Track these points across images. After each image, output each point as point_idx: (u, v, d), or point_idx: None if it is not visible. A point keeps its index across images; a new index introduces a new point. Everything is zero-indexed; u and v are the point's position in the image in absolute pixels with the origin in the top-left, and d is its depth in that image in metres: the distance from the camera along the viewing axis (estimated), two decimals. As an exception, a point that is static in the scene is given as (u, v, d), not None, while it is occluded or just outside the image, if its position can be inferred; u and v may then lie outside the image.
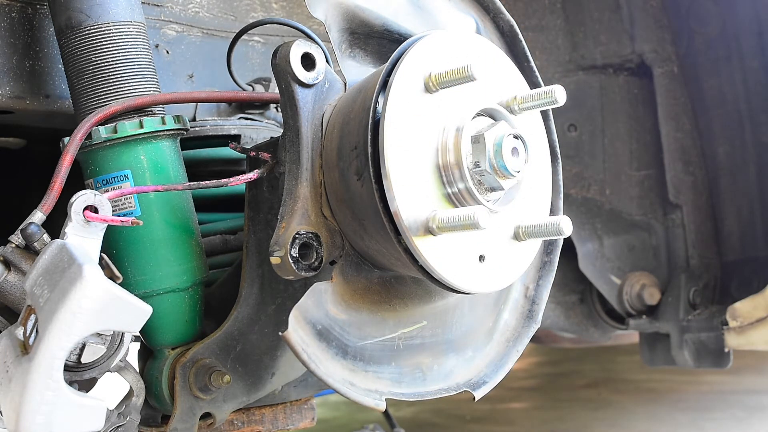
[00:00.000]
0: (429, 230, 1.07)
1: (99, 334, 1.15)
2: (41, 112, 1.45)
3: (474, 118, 1.13)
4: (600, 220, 2.41)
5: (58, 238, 1.13)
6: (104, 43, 1.30)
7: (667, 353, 2.30)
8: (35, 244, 1.15)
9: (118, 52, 1.30)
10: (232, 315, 1.31)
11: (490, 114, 1.16)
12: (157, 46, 1.58)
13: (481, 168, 1.10)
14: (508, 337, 1.34)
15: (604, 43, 2.40)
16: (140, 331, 1.23)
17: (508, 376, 1.33)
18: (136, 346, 1.41)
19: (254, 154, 1.27)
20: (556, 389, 4.22)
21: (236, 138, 1.60)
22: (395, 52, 1.13)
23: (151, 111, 1.32)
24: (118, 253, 1.29)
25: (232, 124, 1.62)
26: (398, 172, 1.06)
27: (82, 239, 1.14)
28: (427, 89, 1.10)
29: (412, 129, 1.08)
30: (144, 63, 1.33)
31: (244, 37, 1.54)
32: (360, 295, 1.18)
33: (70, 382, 1.14)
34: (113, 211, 1.17)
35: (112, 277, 1.15)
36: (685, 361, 2.26)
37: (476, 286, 1.14)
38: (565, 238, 1.24)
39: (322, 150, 1.17)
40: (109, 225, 1.16)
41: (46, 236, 1.15)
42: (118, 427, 1.24)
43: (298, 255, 1.12)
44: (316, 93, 1.17)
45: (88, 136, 1.26)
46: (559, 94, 1.14)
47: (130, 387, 1.26)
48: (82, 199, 1.14)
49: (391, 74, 1.09)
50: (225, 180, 1.25)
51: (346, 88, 1.21)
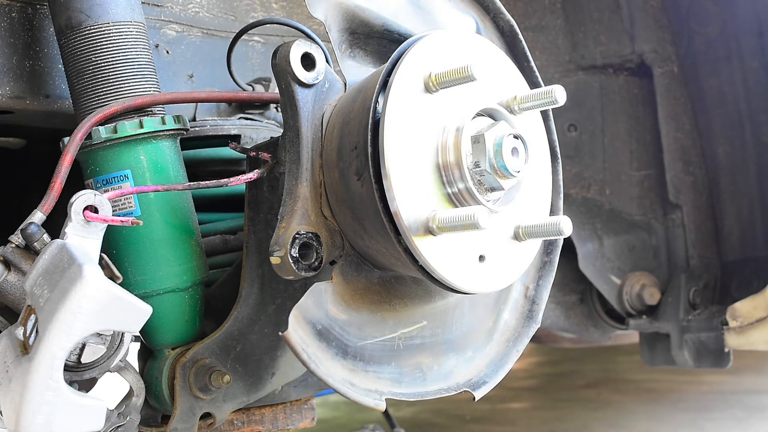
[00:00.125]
0: (429, 230, 1.07)
1: (99, 334, 1.15)
2: (41, 112, 1.45)
3: (474, 118, 1.13)
4: (600, 220, 2.41)
5: (58, 238, 1.13)
6: (104, 43, 1.30)
7: (667, 353, 2.30)
8: (35, 244, 1.15)
9: (118, 52, 1.30)
10: (232, 315, 1.31)
11: (490, 114, 1.16)
12: (157, 46, 1.58)
13: (481, 168, 1.09)
14: (508, 337, 1.34)
15: (604, 43, 2.40)
16: (140, 331, 1.23)
17: (508, 376, 1.33)
18: (136, 346, 1.41)
19: (254, 154, 1.27)
20: (556, 389, 4.22)
21: (236, 138, 1.60)
22: (395, 52, 1.13)
23: (151, 111, 1.32)
24: (118, 253, 1.29)
25: (232, 124, 1.61)
26: (398, 172, 1.06)
27: (82, 239, 1.14)
28: (427, 89, 1.10)
29: (412, 129, 1.08)
30: (144, 63, 1.33)
31: (244, 37, 1.54)
32: (360, 295, 1.18)
33: (70, 382, 1.14)
34: (113, 211, 1.17)
35: (112, 277, 1.15)
36: (685, 361, 2.26)
37: (476, 286, 1.14)
38: (565, 238, 1.24)
39: (322, 150, 1.17)
40: (109, 225, 1.16)
41: (46, 236, 1.15)
42: (118, 427, 1.24)
43: (298, 255, 1.12)
44: (316, 93, 1.17)
45: (88, 136, 1.26)
46: (559, 94, 1.14)
47: (130, 387, 1.26)
48: (82, 199, 1.14)
49: (391, 74, 1.09)
50: (225, 180, 1.25)
51: (346, 88, 1.20)
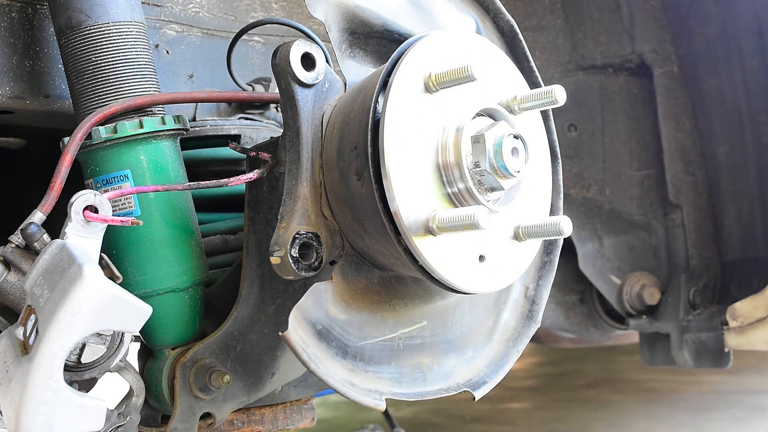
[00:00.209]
0: (429, 230, 1.07)
1: (99, 334, 1.15)
2: (41, 112, 1.45)
3: (474, 118, 1.13)
4: (600, 220, 2.41)
5: (58, 238, 1.13)
6: (104, 43, 1.30)
7: (667, 353, 2.30)
8: (35, 244, 1.15)
9: (118, 52, 1.30)
10: (232, 315, 1.31)
11: (490, 114, 1.16)
12: (157, 46, 1.58)
13: (481, 168, 1.09)
14: (508, 337, 1.34)
15: (604, 43, 2.40)
16: (140, 331, 1.23)
17: (508, 376, 1.33)
18: (136, 346, 1.41)
19: (254, 154, 1.27)
20: (556, 389, 4.22)
21: (236, 138, 1.60)
22: (395, 52, 1.13)
23: (151, 111, 1.32)
24: (118, 253, 1.29)
25: (232, 124, 1.61)
26: (398, 172, 1.06)
27: (82, 239, 1.14)
28: (427, 89, 1.10)
29: (412, 129, 1.08)
30: (144, 63, 1.33)
31: (244, 37, 1.54)
32: (360, 295, 1.18)
33: (70, 382, 1.14)
34: (113, 211, 1.17)
35: (112, 277, 1.15)
36: (685, 361, 2.26)
37: (476, 286, 1.14)
38: (565, 238, 1.24)
39: (322, 150, 1.17)
40: (109, 225, 1.16)
41: (46, 236, 1.15)
42: (118, 427, 1.24)
43: (298, 255, 1.12)
44: (316, 93, 1.17)
45: (88, 136, 1.26)
46: (559, 94, 1.14)
47: (130, 387, 1.26)
48: (82, 199, 1.14)
49: (391, 74, 1.09)
50: (225, 180, 1.25)
51: (346, 88, 1.20)
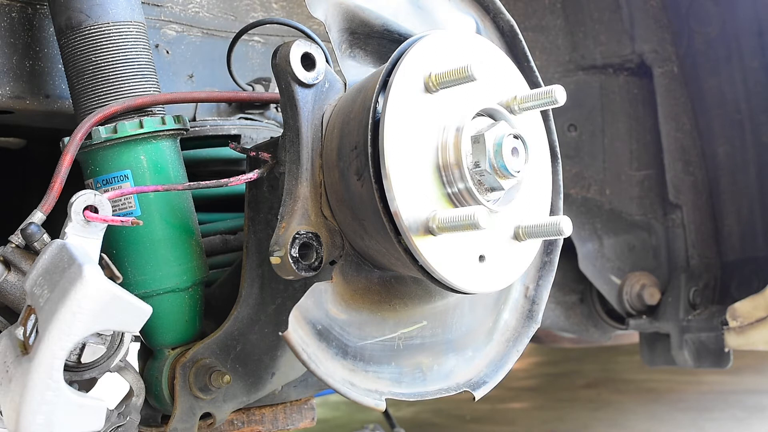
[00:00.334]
0: (429, 230, 1.07)
1: (99, 334, 1.15)
2: (41, 112, 1.45)
3: (474, 118, 1.13)
4: (600, 220, 2.41)
5: (58, 238, 1.13)
6: (104, 43, 1.30)
7: (667, 353, 2.30)
8: (35, 244, 1.15)
9: (118, 52, 1.30)
10: (232, 315, 1.31)
11: (490, 114, 1.16)
12: (157, 46, 1.58)
13: (481, 168, 1.09)
14: (508, 337, 1.34)
15: (604, 43, 2.40)
16: (140, 331, 1.23)
17: (508, 376, 1.33)
18: (136, 346, 1.41)
19: (254, 154, 1.27)
20: (556, 389, 4.22)
21: (236, 138, 1.60)
22: (395, 52, 1.13)
23: (151, 111, 1.32)
24: (118, 253, 1.29)
25: (232, 124, 1.61)
26: (398, 172, 1.06)
27: (82, 239, 1.14)
28: (427, 89, 1.10)
29: (412, 129, 1.08)
30: (144, 63, 1.33)
31: (244, 37, 1.54)
32: (360, 295, 1.18)
33: (70, 382, 1.14)
34: (113, 211, 1.17)
35: (112, 277, 1.15)
36: (685, 361, 2.26)
37: (476, 286, 1.14)
38: (565, 238, 1.24)
39: (322, 150, 1.17)
40: (109, 225, 1.16)
41: (46, 236, 1.15)
42: (118, 427, 1.24)
43: (298, 255, 1.12)
44: (316, 93, 1.17)
45: (88, 136, 1.26)
46: (559, 94, 1.14)
47: (130, 387, 1.26)
48: (82, 199, 1.14)
49: (391, 74, 1.09)
50: (225, 180, 1.25)
51: (346, 88, 1.20)
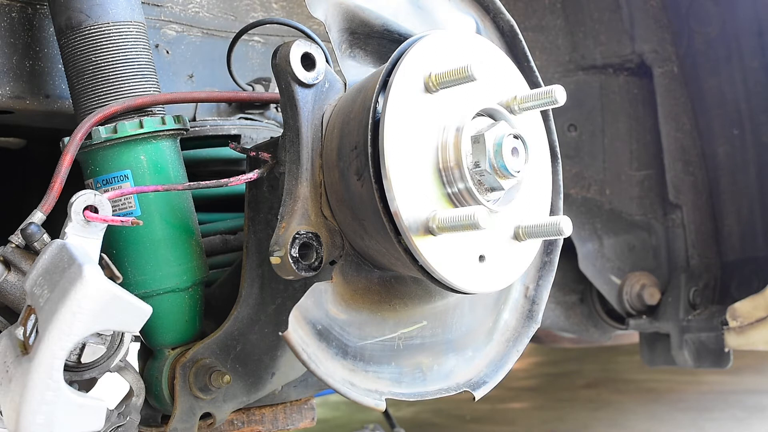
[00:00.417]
0: (429, 230, 1.07)
1: (99, 334, 1.15)
2: (41, 112, 1.45)
3: (474, 118, 1.13)
4: (600, 220, 2.41)
5: (58, 238, 1.13)
6: (104, 43, 1.30)
7: (667, 353, 2.30)
8: (35, 244, 1.15)
9: (118, 52, 1.30)
10: (232, 315, 1.31)
11: (490, 114, 1.16)
12: (157, 46, 1.58)
13: (481, 168, 1.09)
14: (508, 337, 1.34)
15: (604, 43, 2.40)
16: (140, 331, 1.23)
17: (508, 376, 1.33)
18: (136, 346, 1.41)
19: (254, 154, 1.27)
20: (556, 389, 4.22)
21: (236, 138, 1.60)
22: (395, 52, 1.13)
23: (151, 111, 1.32)
24: (118, 253, 1.29)
25: (232, 124, 1.61)
26: (398, 172, 1.06)
27: (82, 239, 1.14)
28: (427, 89, 1.10)
29: (412, 129, 1.08)
30: (144, 63, 1.33)
31: (244, 37, 1.54)
32: (360, 295, 1.18)
33: (70, 382, 1.14)
34: (113, 211, 1.17)
35: (112, 277, 1.15)
36: (685, 361, 2.26)
37: (476, 286, 1.14)
38: (565, 238, 1.24)
39: (322, 150, 1.17)
40: (109, 225, 1.16)
41: (46, 236, 1.15)
42: (118, 427, 1.24)
43: (298, 255, 1.12)
44: (316, 93, 1.17)
45: (88, 136, 1.26)
46: (559, 94, 1.14)
47: (130, 387, 1.26)
48: (82, 199, 1.14)
49: (391, 74, 1.09)
50: (225, 180, 1.25)
51: (346, 88, 1.20)
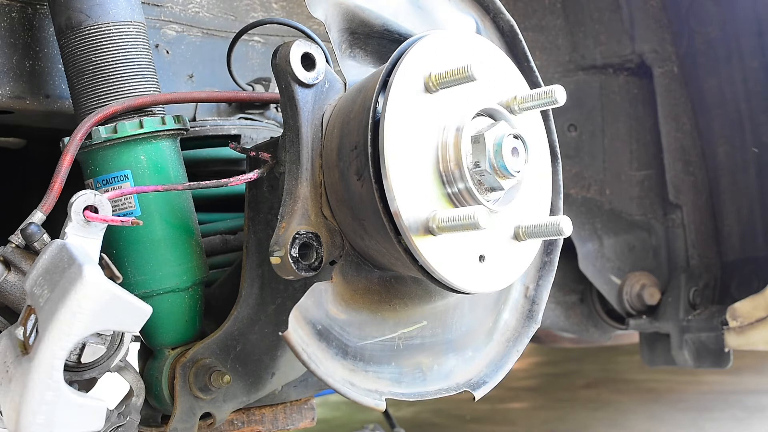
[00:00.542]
0: (429, 230, 1.07)
1: (99, 334, 1.15)
2: (41, 112, 1.45)
3: (474, 118, 1.13)
4: (600, 220, 2.41)
5: (58, 238, 1.13)
6: (104, 43, 1.30)
7: (667, 353, 2.30)
8: (35, 244, 1.15)
9: (118, 52, 1.30)
10: (232, 315, 1.31)
11: (490, 114, 1.16)
12: (157, 46, 1.58)
13: (481, 168, 1.09)
14: (508, 337, 1.34)
15: (604, 43, 2.40)
16: (140, 331, 1.23)
17: (508, 376, 1.33)
18: (136, 346, 1.41)
19: (254, 154, 1.27)
20: (556, 389, 4.22)
21: (236, 138, 1.60)
22: (395, 52, 1.13)
23: (151, 111, 1.32)
24: (118, 253, 1.29)
25: (232, 124, 1.61)
26: (398, 172, 1.06)
27: (82, 239, 1.14)
28: (427, 89, 1.10)
29: (412, 129, 1.08)
30: (144, 63, 1.33)
31: (244, 37, 1.54)
32: (360, 295, 1.18)
33: (70, 382, 1.14)
34: (113, 211, 1.17)
35: (112, 277, 1.15)
36: (685, 361, 2.26)
37: (476, 286, 1.14)
38: (565, 238, 1.24)
39: (322, 150, 1.17)
40: (109, 225, 1.16)
41: (46, 236, 1.15)
42: (118, 427, 1.24)
43: (298, 255, 1.12)
44: (316, 93, 1.17)
45: (88, 136, 1.26)
46: (559, 94, 1.14)
47: (130, 387, 1.26)
48: (82, 199, 1.14)
49: (391, 74, 1.09)
50: (225, 180, 1.25)
51: (346, 88, 1.20)
